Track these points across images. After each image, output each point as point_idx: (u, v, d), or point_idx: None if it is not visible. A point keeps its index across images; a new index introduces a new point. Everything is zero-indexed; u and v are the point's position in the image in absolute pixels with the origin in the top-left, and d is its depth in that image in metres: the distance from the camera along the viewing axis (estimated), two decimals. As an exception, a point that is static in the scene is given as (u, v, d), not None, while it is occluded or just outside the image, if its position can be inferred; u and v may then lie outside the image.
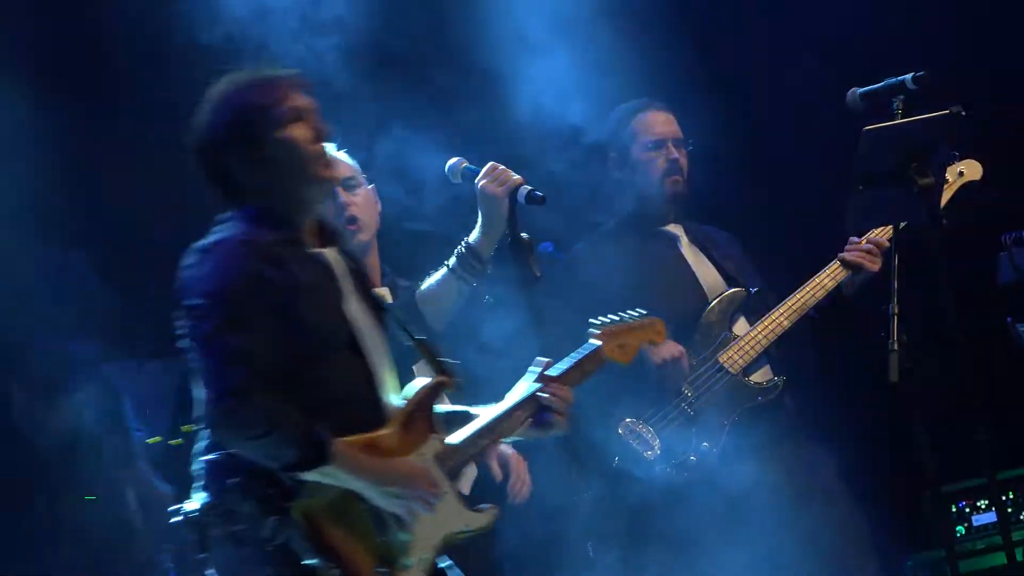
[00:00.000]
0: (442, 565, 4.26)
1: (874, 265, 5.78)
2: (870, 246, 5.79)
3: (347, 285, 4.25)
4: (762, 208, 6.93)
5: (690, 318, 5.83)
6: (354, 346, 4.17)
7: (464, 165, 5.18)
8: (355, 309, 4.23)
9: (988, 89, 6.96)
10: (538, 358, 4.46)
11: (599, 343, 4.64)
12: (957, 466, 6.44)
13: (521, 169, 5.11)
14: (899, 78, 5.22)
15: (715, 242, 6.07)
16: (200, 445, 4.11)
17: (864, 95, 5.34)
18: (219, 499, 4.03)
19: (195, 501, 4.08)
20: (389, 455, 4.11)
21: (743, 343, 5.81)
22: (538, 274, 4.86)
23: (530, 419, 4.39)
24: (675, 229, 6.11)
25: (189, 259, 4.15)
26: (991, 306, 6.10)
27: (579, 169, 6.23)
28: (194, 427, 4.16)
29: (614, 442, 5.67)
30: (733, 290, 5.90)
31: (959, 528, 6.96)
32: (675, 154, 6.03)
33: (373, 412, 4.16)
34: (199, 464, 4.10)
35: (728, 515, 5.68)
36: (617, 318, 4.77)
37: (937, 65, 5.23)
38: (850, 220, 5.27)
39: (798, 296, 5.86)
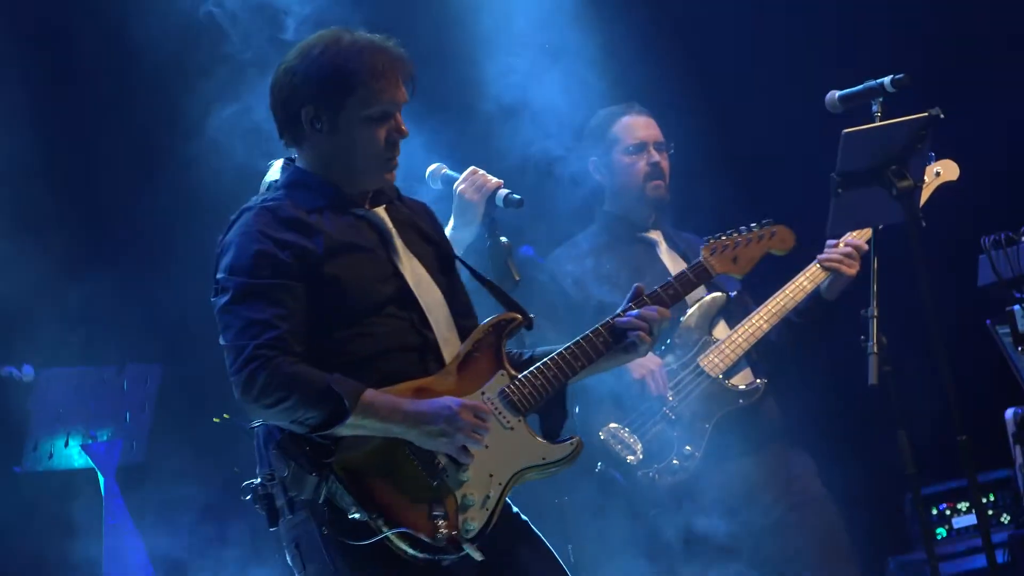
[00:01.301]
0: (523, 517, 4.19)
1: (851, 269, 5.77)
2: (848, 249, 5.78)
3: (399, 241, 4.21)
4: (741, 211, 6.92)
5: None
6: (406, 298, 4.13)
7: (444, 171, 5.19)
8: (408, 263, 4.19)
9: (967, 91, 6.97)
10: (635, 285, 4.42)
11: (702, 256, 4.76)
12: (938, 468, 6.44)
13: (501, 173, 5.11)
14: (878, 81, 5.23)
15: (694, 248, 6.07)
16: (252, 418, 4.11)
17: (843, 98, 5.34)
18: (270, 468, 4.03)
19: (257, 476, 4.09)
20: (443, 396, 4.05)
21: (723, 347, 5.81)
22: (517, 277, 4.87)
23: (610, 343, 4.28)
24: (654, 235, 6.10)
25: (222, 232, 4.15)
26: (971, 308, 6.10)
27: (560, 173, 6.23)
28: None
29: (596, 447, 5.66)
30: (712, 295, 5.90)
31: (940, 531, 6.97)
32: (656, 157, 6.03)
33: (427, 360, 4.12)
34: (253, 437, 4.11)
35: (710, 519, 5.68)
36: (736, 229, 4.87)
37: (915, 67, 5.24)
38: (831, 222, 5.27)
39: (777, 300, 5.85)
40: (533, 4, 6.43)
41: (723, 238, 5.00)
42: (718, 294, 5.91)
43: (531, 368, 4.22)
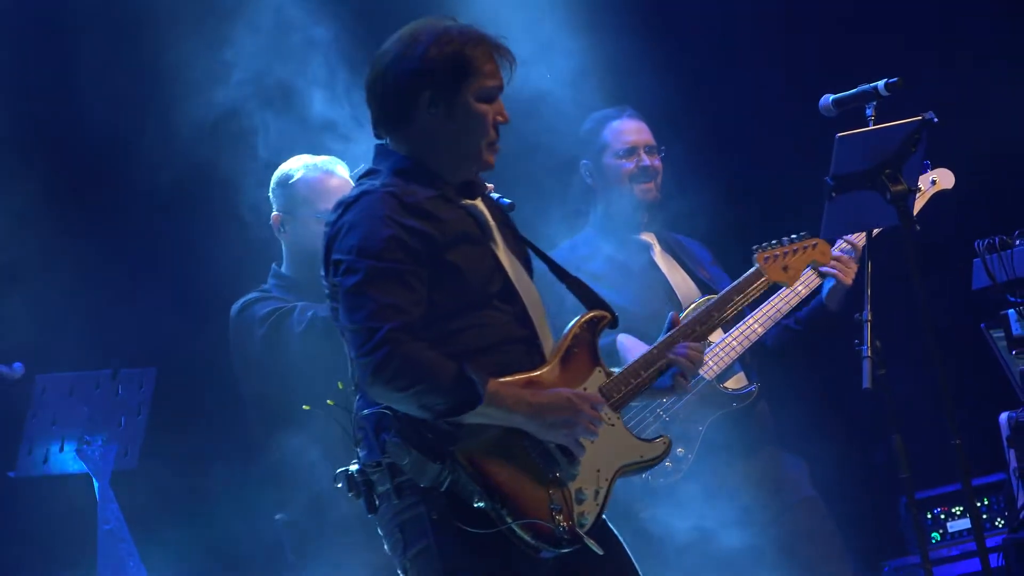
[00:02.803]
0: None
1: (845, 276, 5.76)
2: (841, 255, 5.77)
3: (498, 235, 4.26)
4: (734, 216, 6.93)
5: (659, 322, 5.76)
6: (509, 291, 4.17)
7: None
8: (506, 257, 4.23)
9: (961, 95, 6.98)
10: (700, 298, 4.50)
11: (758, 265, 4.81)
12: (932, 472, 6.44)
13: (491, 177, 5.11)
14: (872, 85, 5.23)
15: (687, 250, 6.07)
16: (357, 404, 4.12)
17: (837, 102, 5.35)
18: (380, 455, 4.04)
19: (354, 463, 4.10)
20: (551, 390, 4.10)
21: (717, 350, 5.81)
22: None
23: (655, 376, 4.36)
24: (647, 237, 6.10)
25: (335, 212, 4.15)
26: (965, 312, 6.10)
27: (553, 177, 6.24)
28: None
29: None
30: (706, 297, 5.90)
31: (934, 534, 6.96)
32: (647, 161, 6.03)
33: (531, 353, 4.17)
34: (358, 423, 4.11)
35: (703, 522, 5.68)
36: (777, 241, 4.90)
37: (909, 71, 5.25)
38: (824, 227, 5.27)
39: (772, 303, 5.85)
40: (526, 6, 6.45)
41: (774, 247, 5.00)
42: (711, 296, 5.91)
43: (623, 368, 4.31)
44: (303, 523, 5.50)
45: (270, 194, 5.66)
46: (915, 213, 5.49)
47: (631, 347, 5.70)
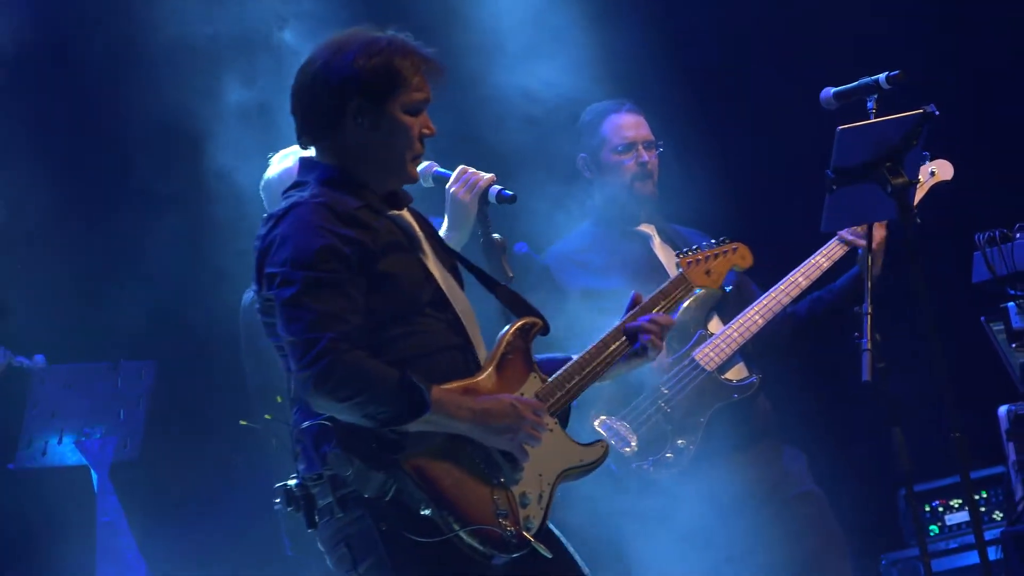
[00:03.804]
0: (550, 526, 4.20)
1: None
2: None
3: (426, 245, 4.24)
4: (735, 208, 6.93)
5: None
6: (441, 299, 4.15)
7: (435, 169, 5.17)
8: (436, 266, 4.21)
9: (960, 89, 6.99)
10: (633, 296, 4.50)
11: (682, 269, 4.80)
12: (931, 465, 6.45)
13: (494, 169, 5.11)
14: (873, 78, 5.23)
15: (687, 241, 6.06)
16: (295, 417, 4.09)
17: (838, 95, 5.35)
18: (321, 468, 4.00)
19: (293, 477, 4.06)
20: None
21: (718, 341, 5.81)
22: (510, 274, 4.87)
23: (625, 348, 4.37)
24: (647, 228, 6.11)
25: (265, 226, 4.11)
26: (965, 305, 6.11)
27: (552, 170, 6.24)
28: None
29: (591, 438, 5.63)
30: (706, 288, 5.89)
31: (932, 527, 6.97)
32: (645, 157, 6.03)
33: (467, 360, 4.15)
34: (296, 436, 4.07)
35: (703, 514, 5.68)
36: (700, 246, 4.95)
37: (911, 64, 5.25)
38: (825, 219, 5.27)
39: (772, 295, 5.86)
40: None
41: (695, 252, 5.03)
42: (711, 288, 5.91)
43: (559, 372, 4.28)
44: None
45: (264, 198, 5.57)
46: (914, 204, 5.50)
47: None
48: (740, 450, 5.79)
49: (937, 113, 4.94)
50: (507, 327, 4.28)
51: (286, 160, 5.42)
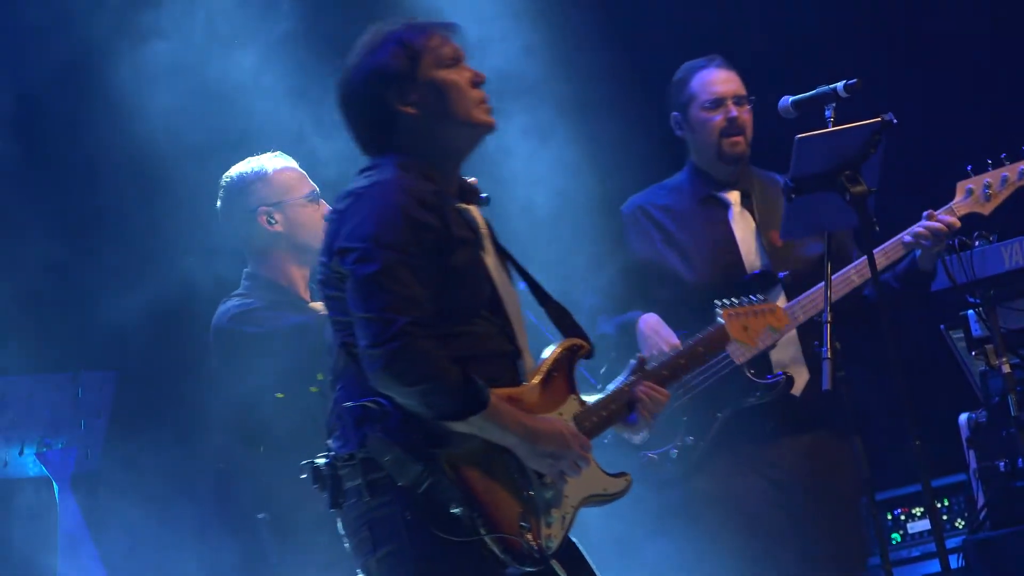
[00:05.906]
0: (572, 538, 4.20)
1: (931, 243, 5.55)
2: (937, 226, 5.54)
3: (488, 244, 4.22)
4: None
5: (721, 293, 5.17)
6: (496, 302, 4.14)
7: None
8: (495, 268, 4.19)
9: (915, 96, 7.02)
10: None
11: (723, 321, 4.76)
12: (892, 473, 6.47)
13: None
14: (831, 86, 5.25)
15: (771, 200, 5.83)
16: (338, 394, 4.08)
17: (796, 103, 5.37)
18: (356, 448, 4.00)
19: (321, 456, 4.05)
20: (530, 411, 4.09)
21: (812, 296, 5.59)
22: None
23: (623, 411, 4.37)
24: (731, 196, 5.91)
25: (342, 201, 4.09)
26: (925, 313, 6.12)
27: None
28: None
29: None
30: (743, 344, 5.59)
31: (894, 535, 6.98)
32: (734, 112, 5.84)
33: (513, 369, 4.14)
34: (336, 413, 4.06)
35: (702, 513, 5.63)
36: (741, 300, 4.87)
37: (868, 72, 5.27)
38: (783, 227, 5.29)
39: (811, 296, 5.60)
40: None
41: (737, 306, 4.88)
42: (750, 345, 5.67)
43: (596, 399, 4.31)
44: (286, 522, 5.40)
45: (225, 201, 5.51)
46: (998, 205, 5.53)
47: (648, 335, 5.63)
48: (750, 451, 5.68)
49: (896, 121, 4.96)
50: (556, 345, 4.28)
51: (255, 162, 5.43)
